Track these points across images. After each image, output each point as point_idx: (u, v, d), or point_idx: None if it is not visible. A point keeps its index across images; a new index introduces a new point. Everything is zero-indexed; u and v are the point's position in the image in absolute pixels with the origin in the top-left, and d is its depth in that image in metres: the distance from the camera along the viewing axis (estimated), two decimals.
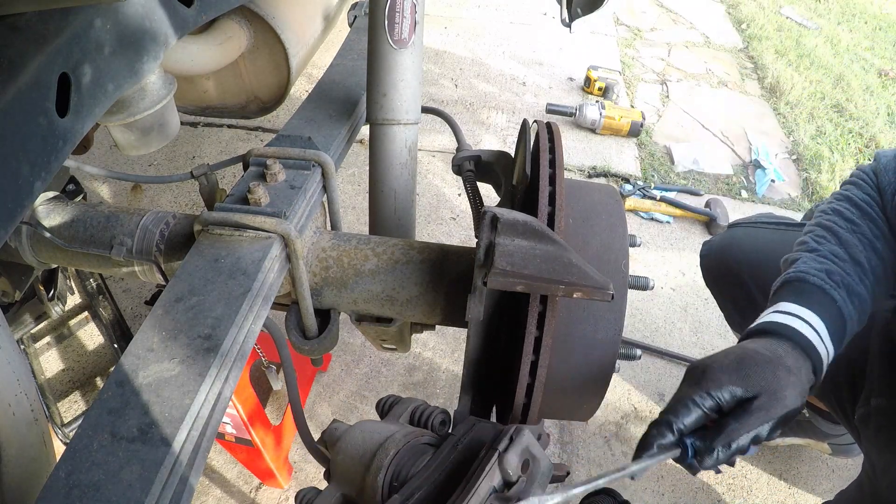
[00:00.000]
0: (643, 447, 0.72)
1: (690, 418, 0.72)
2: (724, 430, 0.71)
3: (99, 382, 1.72)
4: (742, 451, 0.72)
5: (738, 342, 0.84)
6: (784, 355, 0.76)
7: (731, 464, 0.73)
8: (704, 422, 0.73)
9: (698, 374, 0.76)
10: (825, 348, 0.79)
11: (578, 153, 2.71)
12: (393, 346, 1.14)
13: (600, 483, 0.68)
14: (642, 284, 0.97)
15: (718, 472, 0.74)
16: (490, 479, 0.60)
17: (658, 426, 0.72)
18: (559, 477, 0.70)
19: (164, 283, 0.98)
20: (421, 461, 0.68)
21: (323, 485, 0.77)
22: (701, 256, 1.48)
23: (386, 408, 0.81)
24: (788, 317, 0.80)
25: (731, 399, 0.72)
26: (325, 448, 0.76)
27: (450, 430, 0.79)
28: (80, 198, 1.17)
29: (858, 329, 0.86)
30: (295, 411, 0.91)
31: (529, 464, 0.63)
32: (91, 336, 1.81)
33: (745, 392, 0.72)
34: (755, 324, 0.83)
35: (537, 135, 0.95)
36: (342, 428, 0.76)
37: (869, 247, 0.86)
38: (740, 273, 1.32)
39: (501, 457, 0.61)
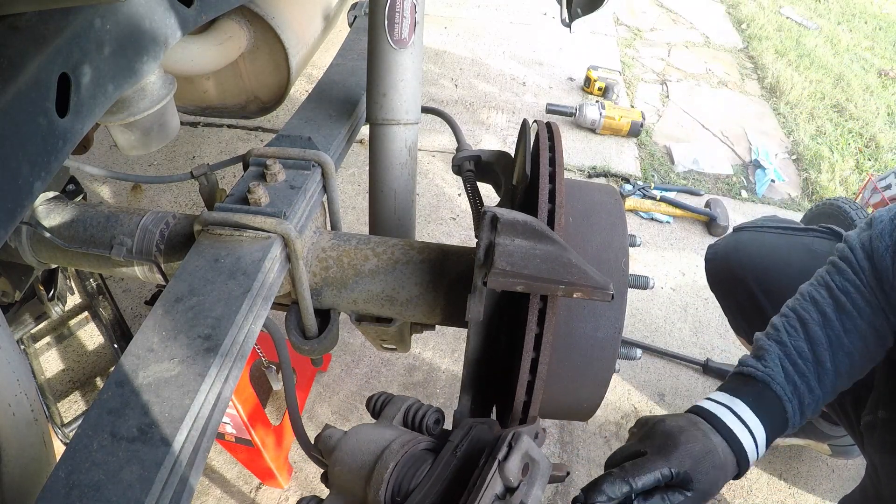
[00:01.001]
0: (593, 490, 0.74)
1: (647, 482, 0.75)
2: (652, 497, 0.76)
3: (99, 382, 1.72)
4: None
5: (688, 416, 0.86)
6: (728, 464, 0.81)
7: None
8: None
9: (668, 443, 0.80)
10: (755, 458, 0.86)
11: (578, 153, 2.71)
12: (393, 346, 1.14)
13: None
14: (642, 284, 0.97)
15: None
16: (492, 489, 0.60)
17: (613, 481, 0.75)
18: (559, 477, 0.70)
19: (164, 283, 0.98)
20: (421, 471, 0.68)
21: (322, 487, 0.76)
22: (706, 261, 1.48)
23: (378, 406, 0.81)
24: (739, 424, 0.85)
25: (670, 475, 0.77)
26: (320, 455, 0.76)
27: (444, 429, 0.79)
28: (80, 198, 1.17)
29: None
30: (292, 416, 0.91)
31: (529, 466, 0.64)
32: (91, 336, 1.81)
33: (693, 482, 0.77)
34: (706, 408, 0.87)
35: (537, 134, 0.95)
36: (336, 435, 0.75)
37: (837, 344, 0.90)
38: (746, 279, 1.32)
39: (501, 465, 0.61)
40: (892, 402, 0.99)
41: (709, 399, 0.89)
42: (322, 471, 0.81)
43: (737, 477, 0.84)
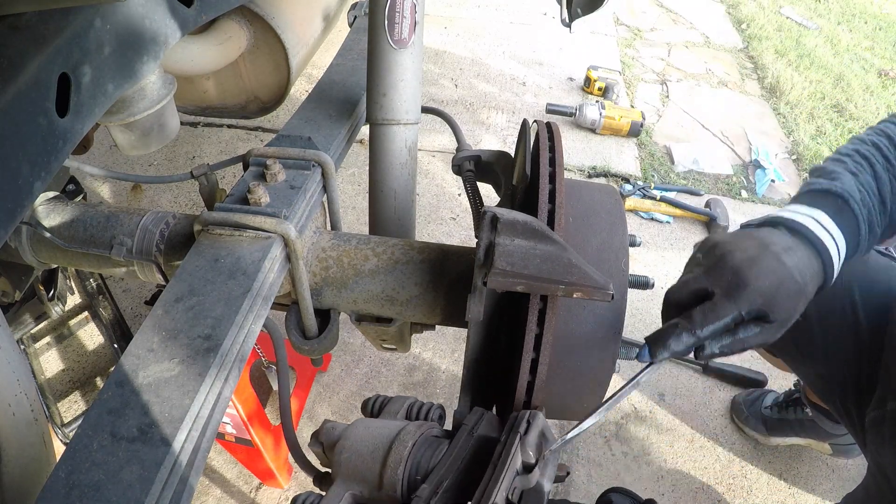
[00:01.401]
0: (658, 344, 0.73)
1: (717, 330, 0.72)
2: (736, 339, 0.73)
3: (99, 382, 1.72)
4: (724, 353, 0.75)
5: (777, 229, 0.81)
6: (809, 282, 0.76)
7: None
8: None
9: (737, 282, 0.73)
10: (835, 271, 0.80)
11: (578, 153, 2.71)
12: (393, 346, 1.14)
13: (610, 405, 0.72)
14: (643, 283, 0.97)
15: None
16: (513, 464, 0.60)
17: (679, 334, 0.72)
18: (559, 477, 0.70)
19: (164, 283, 0.98)
20: (439, 451, 0.68)
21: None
22: None
23: (377, 407, 0.81)
24: (824, 232, 0.79)
25: (753, 312, 0.73)
26: (321, 451, 0.75)
27: (446, 429, 0.79)
28: (80, 198, 1.17)
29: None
30: (284, 419, 0.90)
31: (543, 445, 0.64)
32: (91, 336, 1.81)
33: (768, 316, 0.73)
34: (800, 219, 0.81)
35: (537, 134, 0.95)
36: (340, 426, 0.75)
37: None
38: None
39: (523, 439, 0.61)
40: None
41: (787, 209, 0.83)
42: (312, 478, 0.80)
43: (821, 290, 0.79)
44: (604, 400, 0.75)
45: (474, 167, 1.20)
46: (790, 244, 0.77)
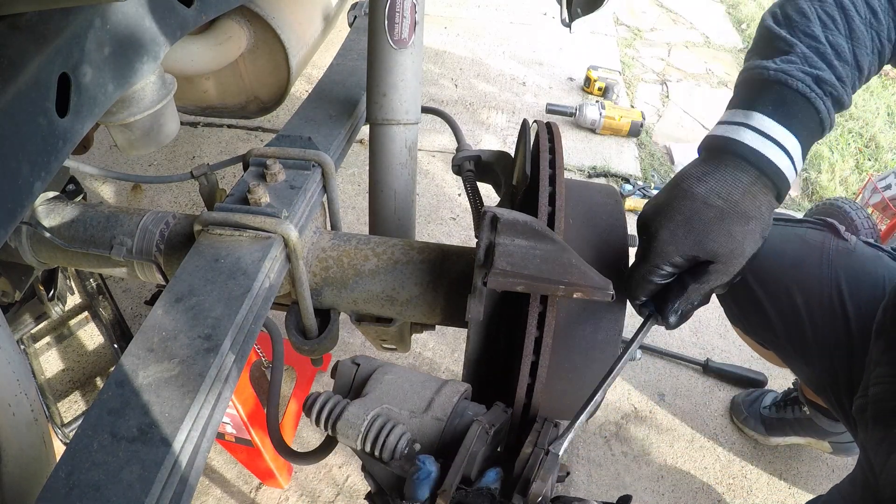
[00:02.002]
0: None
1: (646, 292, 0.73)
2: (685, 293, 0.72)
3: (99, 382, 1.72)
4: (703, 304, 0.75)
5: (698, 158, 0.76)
6: (741, 199, 0.69)
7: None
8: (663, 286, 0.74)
9: (645, 241, 0.73)
10: (794, 172, 0.72)
11: (578, 153, 2.71)
12: (393, 346, 1.13)
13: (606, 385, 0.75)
14: None
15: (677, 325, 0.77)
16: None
17: (632, 297, 0.75)
18: (560, 477, 0.70)
19: (164, 283, 0.98)
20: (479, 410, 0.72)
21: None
22: None
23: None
24: (765, 141, 0.70)
25: (685, 262, 0.71)
26: (353, 374, 0.75)
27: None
28: (80, 198, 1.17)
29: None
30: (269, 411, 0.90)
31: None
32: (91, 336, 1.81)
33: (698, 256, 0.70)
34: (724, 132, 0.74)
35: (537, 135, 0.95)
36: (379, 360, 0.77)
37: (877, 49, 0.72)
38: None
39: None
40: (884, 376, 0.98)
41: (721, 123, 0.76)
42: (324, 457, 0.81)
43: (779, 199, 0.73)
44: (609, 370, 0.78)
45: (474, 167, 1.20)
46: (705, 170, 0.72)
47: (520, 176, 0.99)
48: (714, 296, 1.46)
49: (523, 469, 0.65)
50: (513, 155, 1.14)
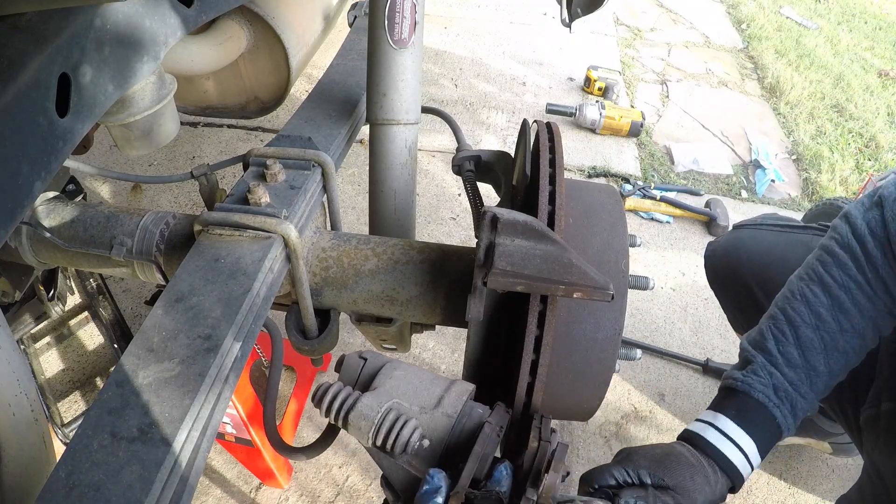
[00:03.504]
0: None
1: (605, 482, 0.77)
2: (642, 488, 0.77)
3: (99, 382, 1.72)
4: None
5: (674, 442, 0.87)
6: (707, 467, 0.81)
7: None
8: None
9: (623, 454, 0.82)
10: (749, 468, 0.84)
11: (578, 153, 2.71)
12: (393, 346, 1.13)
13: None
14: (642, 284, 0.97)
15: None
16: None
17: (586, 482, 0.80)
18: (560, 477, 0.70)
19: (164, 283, 0.98)
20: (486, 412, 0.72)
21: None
22: (705, 258, 1.48)
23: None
24: (723, 439, 0.83)
25: (647, 482, 0.77)
26: (360, 368, 0.75)
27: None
28: (80, 198, 1.17)
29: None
30: (266, 408, 0.90)
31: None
32: (91, 336, 1.81)
33: (661, 482, 0.76)
34: (694, 429, 0.87)
35: (537, 135, 0.95)
36: (386, 356, 0.76)
37: (831, 346, 0.85)
38: (744, 276, 1.32)
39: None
40: None
41: (697, 420, 0.89)
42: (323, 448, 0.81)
43: (733, 490, 0.84)
44: None
45: (474, 167, 1.20)
46: (693, 452, 0.83)
47: (520, 176, 0.99)
48: (717, 297, 1.48)
49: (533, 462, 0.65)
50: (513, 155, 1.14)
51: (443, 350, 1.87)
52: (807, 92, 3.24)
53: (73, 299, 1.67)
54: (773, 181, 2.65)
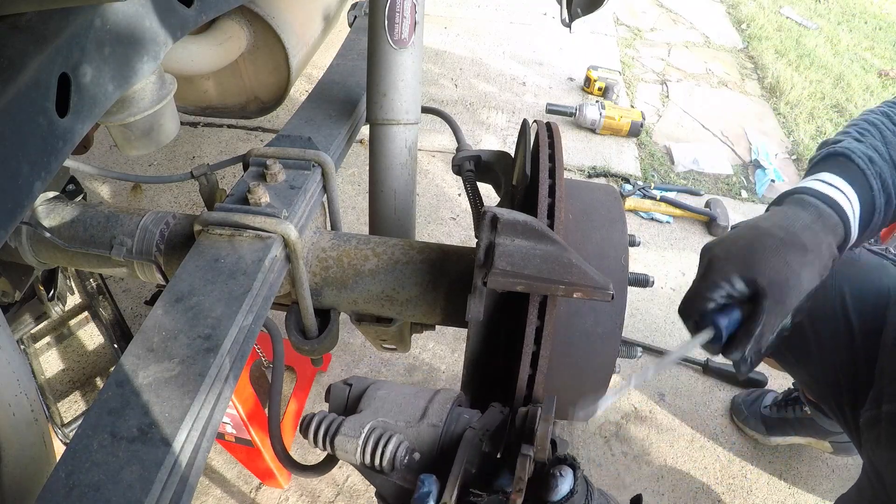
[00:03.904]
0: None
1: (700, 311, 0.72)
2: (749, 337, 0.71)
3: (99, 382, 1.72)
4: (768, 346, 0.72)
5: (766, 210, 0.81)
6: (801, 231, 0.72)
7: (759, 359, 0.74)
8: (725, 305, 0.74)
9: (706, 262, 0.75)
10: (855, 225, 0.75)
11: (578, 153, 2.71)
12: (393, 346, 1.13)
13: (649, 375, 0.76)
14: (642, 281, 0.97)
15: (750, 368, 0.75)
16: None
17: (686, 314, 0.74)
18: None
19: (164, 283, 0.98)
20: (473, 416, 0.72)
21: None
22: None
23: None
24: (827, 186, 0.76)
25: (742, 285, 0.71)
26: (346, 394, 0.75)
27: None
28: (80, 198, 1.17)
29: (881, 227, 0.83)
30: (271, 414, 0.90)
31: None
32: (91, 336, 1.81)
33: (755, 280, 0.70)
34: (792, 188, 0.81)
35: (537, 134, 0.95)
36: (371, 378, 0.77)
37: None
38: None
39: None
40: None
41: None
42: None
43: (841, 249, 0.75)
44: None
45: (474, 167, 1.20)
46: (771, 212, 0.77)
47: (520, 175, 0.99)
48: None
49: (524, 421, 0.66)
50: (513, 155, 1.14)
51: (443, 350, 1.87)
52: (807, 92, 3.24)
53: (73, 299, 1.67)
54: (773, 181, 2.65)
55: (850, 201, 0.76)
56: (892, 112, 0.86)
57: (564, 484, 0.60)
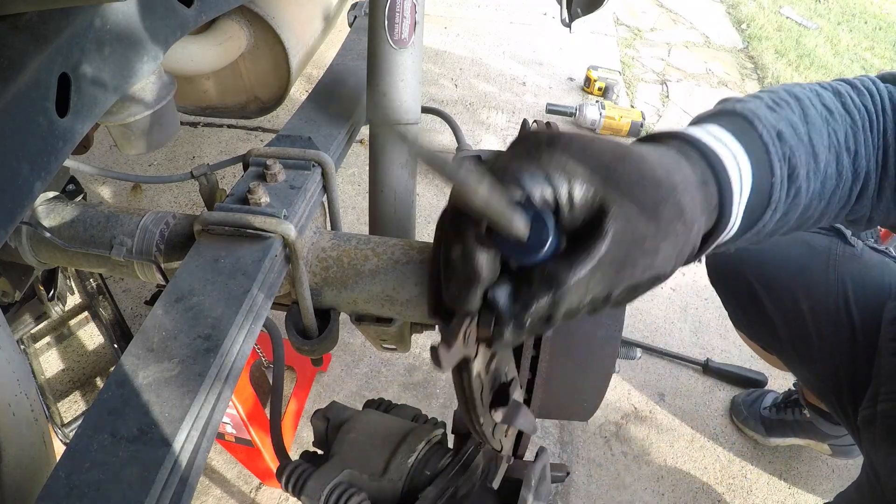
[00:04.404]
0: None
1: (525, 184, 0.44)
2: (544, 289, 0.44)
3: (99, 382, 1.72)
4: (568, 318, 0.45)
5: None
6: (676, 177, 0.47)
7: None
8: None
9: (544, 138, 0.46)
10: (740, 188, 0.52)
11: None
12: (393, 346, 1.13)
13: None
14: None
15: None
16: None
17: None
18: (559, 477, 0.70)
19: (164, 283, 0.98)
20: (445, 459, 0.70)
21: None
22: (706, 256, 1.48)
23: (381, 409, 0.82)
24: (717, 142, 0.53)
25: (579, 207, 0.43)
26: (325, 428, 0.76)
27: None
28: (80, 198, 1.17)
29: (770, 235, 0.62)
30: (272, 416, 0.90)
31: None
32: (91, 336, 1.81)
33: (600, 211, 0.43)
34: (666, 130, 0.57)
35: None
36: (350, 410, 0.77)
37: (834, 149, 0.60)
38: (745, 272, 1.32)
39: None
40: (894, 392, 0.98)
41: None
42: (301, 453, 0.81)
43: (719, 223, 0.53)
44: None
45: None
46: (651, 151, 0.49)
47: None
48: (717, 293, 1.48)
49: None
50: None
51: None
52: None
53: (73, 299, 1.67)
54: None
55: (737, 164, 0.52)
56: (825, 94, 0.63)
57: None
